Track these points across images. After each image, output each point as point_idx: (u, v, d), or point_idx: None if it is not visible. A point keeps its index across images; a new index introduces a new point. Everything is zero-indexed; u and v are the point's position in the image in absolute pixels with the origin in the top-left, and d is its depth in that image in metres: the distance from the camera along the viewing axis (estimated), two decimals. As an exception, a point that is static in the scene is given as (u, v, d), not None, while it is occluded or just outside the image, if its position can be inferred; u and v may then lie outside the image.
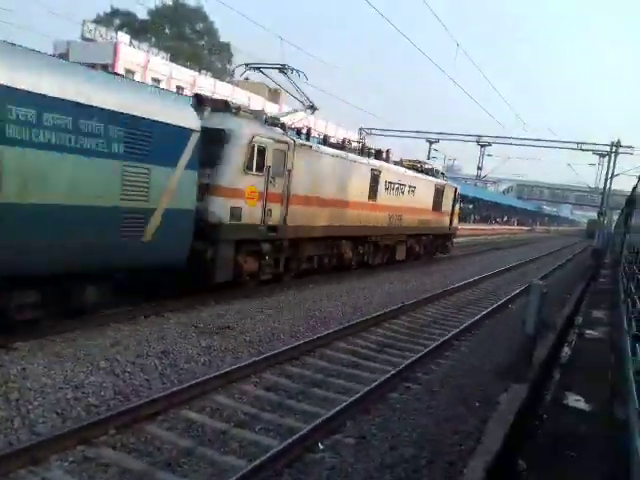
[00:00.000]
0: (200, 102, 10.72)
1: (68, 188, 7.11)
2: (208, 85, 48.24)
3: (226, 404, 6.14)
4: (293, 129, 13.58)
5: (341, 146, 15.57)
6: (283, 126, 12.72)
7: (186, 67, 49.17)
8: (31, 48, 7.56)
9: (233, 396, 6.38)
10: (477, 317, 11.79)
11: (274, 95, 57.07)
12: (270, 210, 11.52)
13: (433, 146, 47.95)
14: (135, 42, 46.40)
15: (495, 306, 13.35)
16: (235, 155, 10.51)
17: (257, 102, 51.94)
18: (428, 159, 36.14)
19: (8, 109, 6.32)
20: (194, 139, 9.04)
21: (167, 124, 8.52)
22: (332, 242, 14.73)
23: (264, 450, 5.08)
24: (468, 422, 6.12)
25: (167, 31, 68.17)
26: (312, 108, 14.15)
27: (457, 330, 10.38)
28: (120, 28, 57.89)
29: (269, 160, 11.30)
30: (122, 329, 8.21)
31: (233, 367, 6.92)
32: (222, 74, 64.01)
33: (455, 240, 27.34)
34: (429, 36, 45.63)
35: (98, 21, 54.47)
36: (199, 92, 13.29)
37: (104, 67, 32.43)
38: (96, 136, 7.36)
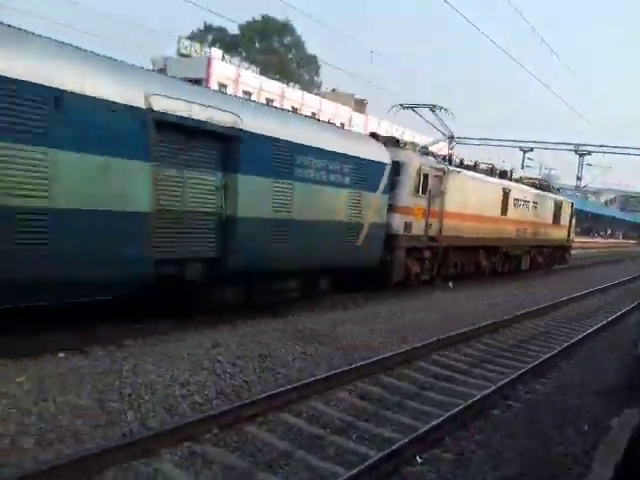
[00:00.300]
0: (375, 139, 13.32)
1: (323, 209, 10.44)
2: (296, 97, 49.29)
3: (323, 410, 6.17)
4: (438, 156, 16.07)
5: (473, 167, 17.91)
6: (434, 155, 15.51)
7: (275, 80, 50.51)
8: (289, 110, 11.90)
9: (329, 403, 6.41)
10: (586, 333, 11.27)
11: (360, 106, 57.38)
12: (430, 224, 14.39)
13: (527, 155, 46.25)
14: (227, 56, 48.29)
15: (605, 322, 12.72)
16: (407, 181, 13.42)
17: (344, 112, 52.52)
18: (522, 168, 35.06)
19: (295, 157, 9.68)
20: (387, 170, 12.30)
21: (372, 160, 11.82)
22: (471, 251, 17.24)
23: (362, 459, 5.05)
24: (576, 445, 5.78)
25: (257, 45, 70.48)
26: (452, 138, 17.43)
27: (564, 346, 9.92)
28: (213, 44, 60.48)
29: (430, 184, 14.19)
30: (222, 331, 8.53)
31: (329, 374, 6.96)
32: (310, 86, 65.27)
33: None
34: (520, 40, 44.19)
35: (192, 37, 57.14)
36: (374, 131, 16.10)
37: (198, 81, 33.97)
38: (336, 172, 10.69)
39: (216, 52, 47.31)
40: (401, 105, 16.38)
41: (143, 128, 7.15)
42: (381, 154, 12.26)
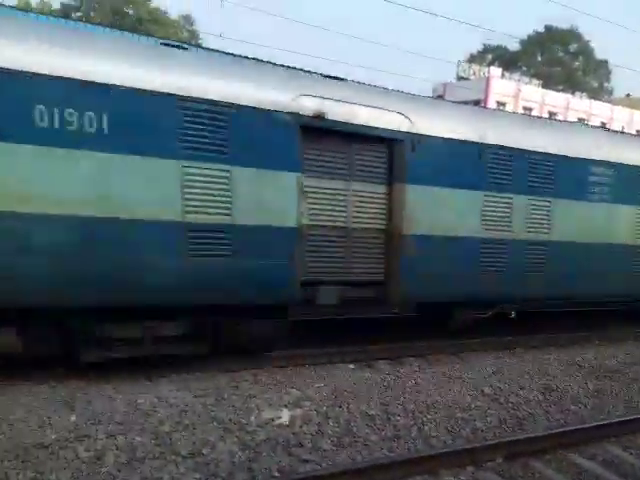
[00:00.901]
0: None
1: None
2: (583, 106, 45.34)
3: (622, 457, 5.44)
4: None
5: None
6: None
7: (559, 91, 47.30)
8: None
9: (629, 450, 5.62)
10: None
11: (664, 109, 49.81)
12: None
13: None
14: (506, 74, 47.07)
15: None
16: None
17: (642, 119, 46.24)
18: None
19: None
20: None
21: None
22: None
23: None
24: None
25: (539, 58, 67.21)
26: None
27: None
28: (492, 63, 59.75)
29: None
30: (501, 357, 8.31)
31: (629, 417, 6.14)
32: (599, 93, 59.39)
33: None
34: None
35: (471, 60, 57.39)
36: None
37: (476, 102, 33.84)
38: None
39: (495, 71, 46.57)
40: None
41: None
42: None
